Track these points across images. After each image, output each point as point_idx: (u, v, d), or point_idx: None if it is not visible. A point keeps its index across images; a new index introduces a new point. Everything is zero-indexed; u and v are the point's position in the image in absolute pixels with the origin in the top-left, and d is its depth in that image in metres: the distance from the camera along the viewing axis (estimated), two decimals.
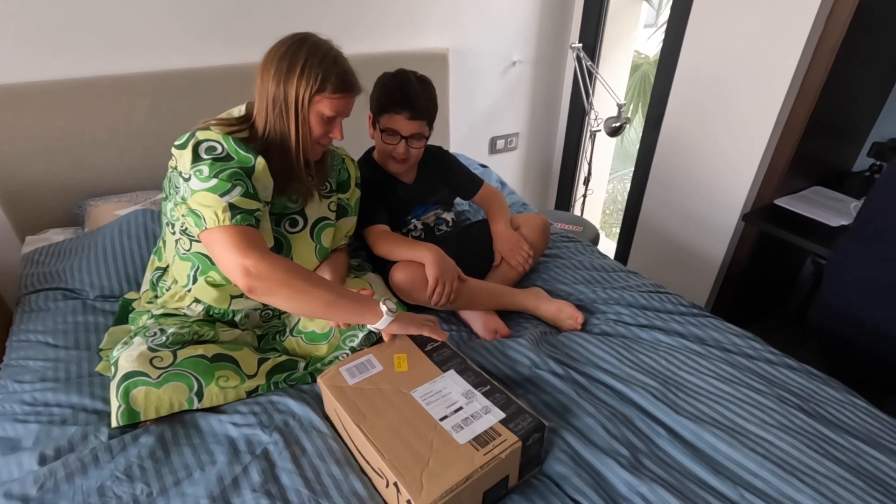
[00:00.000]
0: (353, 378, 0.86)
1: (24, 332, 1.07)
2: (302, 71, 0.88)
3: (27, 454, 0.79)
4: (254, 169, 0.88)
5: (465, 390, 0.83)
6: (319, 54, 0.89)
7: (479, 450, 0.72)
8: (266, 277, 0.81)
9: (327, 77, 0.89)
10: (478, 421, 0.77)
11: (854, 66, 1.53)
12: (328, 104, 0.91)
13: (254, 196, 0.87)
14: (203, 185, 0.84)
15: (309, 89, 0.89)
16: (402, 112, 1.16)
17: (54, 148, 1.38)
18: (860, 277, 1.21)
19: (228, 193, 0.84)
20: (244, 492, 0.74)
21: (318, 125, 0.94)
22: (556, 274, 1.32)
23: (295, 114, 0.90)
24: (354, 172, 1.16)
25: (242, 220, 0.84)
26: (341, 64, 0.92)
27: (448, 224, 1.36)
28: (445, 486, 0.68)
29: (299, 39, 0.91)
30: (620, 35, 2.26)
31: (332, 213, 1.10)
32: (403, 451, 0.73)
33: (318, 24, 1.65)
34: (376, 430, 0.76)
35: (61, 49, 1.35)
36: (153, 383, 0.84)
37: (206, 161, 0.85)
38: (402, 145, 1.19)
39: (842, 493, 0.74)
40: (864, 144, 1.87)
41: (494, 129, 2.27)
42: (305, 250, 1.05)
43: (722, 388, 0.93)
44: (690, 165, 1.85)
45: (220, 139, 0.87)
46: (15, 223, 1.42)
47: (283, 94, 0.89)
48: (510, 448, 0.73)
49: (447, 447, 0.73)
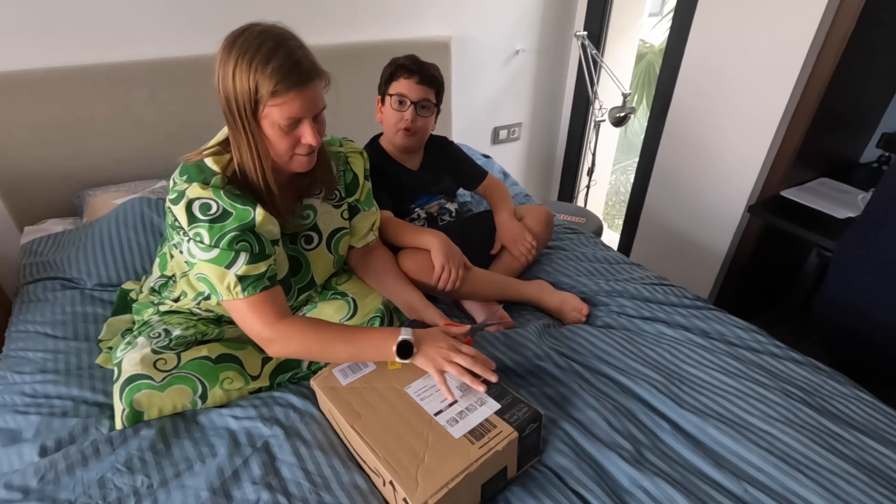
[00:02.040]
0: (346, 378, 0.84)
1: (24, 322, 1.06)
2: (234, 79, 0.74)
3: (28, 445, 0.79)
4: (254, 222, 0.81)
5: (459, 383, 0.81)
6: (251, 51, 0.73)
7: (474, 443, 0.72)
8: (282, 348, 0.84)
9: (260, 81, 0.73)
10: (472, 414, 0.77)
11: (864, 56, 1.50)
12: (276, 111, 0.76)
13: (260, 255, 0.81)
14: (206, 256, 0.79)
15: (249, 100, 0.75)
16: (410, 77, 1.18)
17: (52, 137, 1.36)
18: (866, 270, 1.20)
19: (234, 264, 0.79)
20: (244, 484, 0.74)
21: (280, 138, 0.79)
22: (559, 266, 1.31)
23: (245, 131, 0.78)
24: (362, 165, 1.05)
25: (254, 288, 0.81)
26: (278, 56, 0.74)
27: (451, 214, 1.36)
28: (441, 481, 0.67)
29: (234, 36, 0.76)
30: (626, 23, 2.22)
31: (345, 221, 1.03)
32: (398, 448, 0.72)
33: (318, 12, 1.64)
34: (370, 428, 0.75)
35: (59, 37, 1.33)
36: (157, 387, 0.83)
37: (204, 224, 0.78)
38: (410, 111, 1.19)
39: (846, 488, 0.73)
40: (872, 135, 1.84)
41: (497, 118, 2.25)
42: (323, 264, 1.01)
43: (726, 381, 0.92)
44: (695, 156, 1.83)
45: (213, 196, 0.78)
46: (13, 213, 1.41)
47: (227, 108, 0.77)
48: (506, 440, 0.72)
49: (442, 442, 0.73)
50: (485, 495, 0.73)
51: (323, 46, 1.65)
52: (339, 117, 1.72)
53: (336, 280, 1.08)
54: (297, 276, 0.98)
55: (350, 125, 1.76)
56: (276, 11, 1.51)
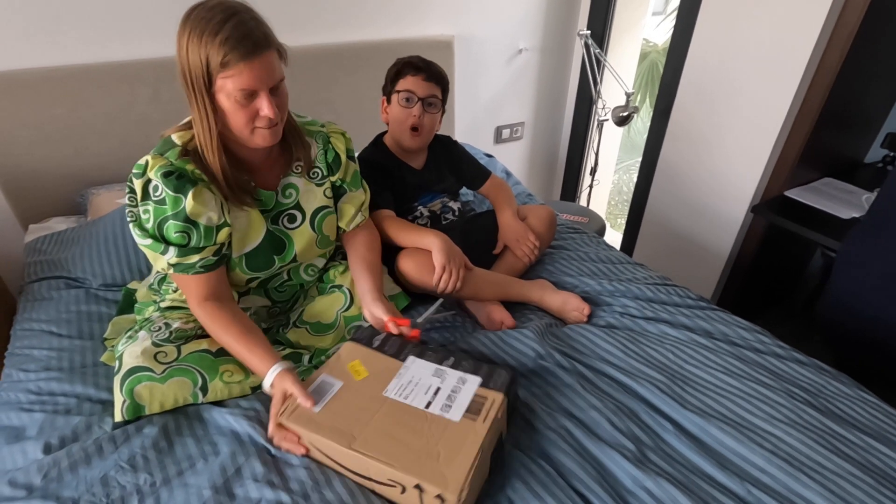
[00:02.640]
0: (317, 405, 0.78)
1: (28, 320, 1.07)
2: (188, 53, 0.75)
3: (32, 443, 0.79)
4: (184, 211, 0.82)
5: (433, 370, 0.82)
6: (202, 25, 0.74)
7: (475, 419, 0.74)
8: (201, 322, 0.91)
9: (210, 52, 0.74)
10: (460, 394, 0.78)
11: (869, 55, 1.49)
12: (230, 83, 0.77)
13: (195, 248, 0.85)
14: (143, 242, 0.85)
15: (201, 73, 0.76)
16: (417, 74, 1.19)
17: (55, 136, 1.37)
18: (871, 271, 1.19)
19: (165, 254, 0.85)
20: (246, 482, 0.74)
21: (236, 111, 0.79)
22: (562, 266, 1.30)
23: (199, 105, 0.79)
24: (344, 145, 1.04)
25: (186, 272, 0.86)
26: (227, 27, 0.74)
27: (454, 213, 1.35)
28: (465, 465, 0.68)
29: (188, 12, 0.77)
30: (629, 22, 2.22)
31: (328, 199, 1.03)
32: (408, 452, 0.71)
33: (321, 9, 1.64)
34: (372, 443, 0.72)
35: (61, 36, 1.33)
36: (157, 379, 0.83)
37: (152, 202, 0.82)
38: (417, 107, 1.19)
39: (851, 490, 0.73)
40: (877, 135, 1.83)
41: (500, 118, 2.24)
42: (307, 243, 1.02)
43: (729, 382, 0.92)
44: (699, 156, 1.82)
45: (159, 180, 0.81)
46: (17, 211, 1.42)
47: (183, 83, 0.78)
48: (500, 406, 0.76)
49: (447, 430, 0.73)
50: (493, 464, 0.75)
51: (325, 46, 1.66)
52: (342, 116, 1.74)
53: (333, 272, 1.08)
54: (280, 255, 0.98)
55: (352, 125, 1.76)
56: (277, 9, 1.51)
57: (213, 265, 0.89)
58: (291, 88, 0.89)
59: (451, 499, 0.66)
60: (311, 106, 1.10)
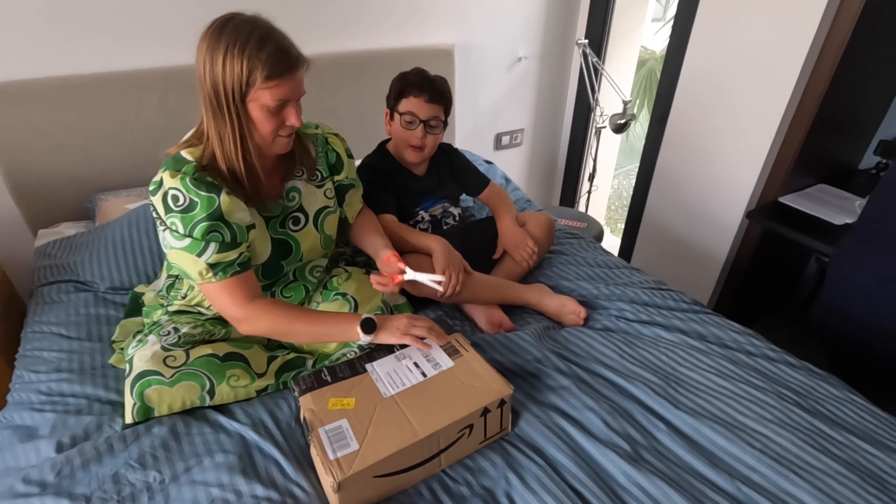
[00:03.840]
0: (339, 451, 0.73)
1: (39, 323, 1.09)
2: (224, 65, 0.79)
3: (44, 442, 0.82)
4: (220, 209, 0.84)
5: (393, 358, 0.91)
6: (242, 39, 0.78)
7: (462, 354, 0.90)
8: (251, 327, 0.90)
9: (254, 66, 0.79)
10: (433, 353, 0.91)
11: (862, 63, 1.52)
12: (268, 94, 0.82)
13: (231, 244, 0.86)
14: (179, 244, 0.84)
15: (239, 84, 0.80)
16: (420, 95, 1.20)
17: (65, 143, 1.40)
18: (862, 276, 1.21)
19: (204, 252, 0.84)
20: (252, 480, 0.76)
21: (266, 120, 0.84)
22: (560, 270, 1.33)
23: (230, 115, 0.82)
24: (342, 145, 1.10)
25: (224, 273, 0.86)
26: (270, 43, 0.80)
27: (455, 218, 1.38)
28: (494, 374, 0.86)
29: (219, 25, 0.80)
30: (627, 31, 2.25)
31: (329, 199, 1.07)
32: (454, 403, 0.80)
33: (322, 19, 1.67)
34: (426, 423, 0.77)
35: (71, 46, 1.37)
36: (167, 382, 0.86)
37: (177, 214, 0.82)
38: (420, 129, 1.21)
39: (837, 488, 0.75)
40: (870, 142, 1.86)
41: (499, 125, 2.28)
42: (311, 244, 1.05)
43: (721, 384, 0.94)
44: (695, 162, 1.85)
45: (179, 186, 0.82)
46: (28, 217, 1.45)
47: (213, 94, 0.81)
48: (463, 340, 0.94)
49: (455, 373, 0.86)
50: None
51: (327, 54, 1.69)
52: (345, 123, 1.78)
53: (337, 280, 1.11)
54: (287, 259, 1.02)
55: (355, 131, 1.79)
56: (281, 19, 1.53)
57: (250, 263, 0.91)
58: None
59: (509, 392, 0.83)
60: (316, 113, 1.13)
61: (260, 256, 0.96)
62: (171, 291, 1.04)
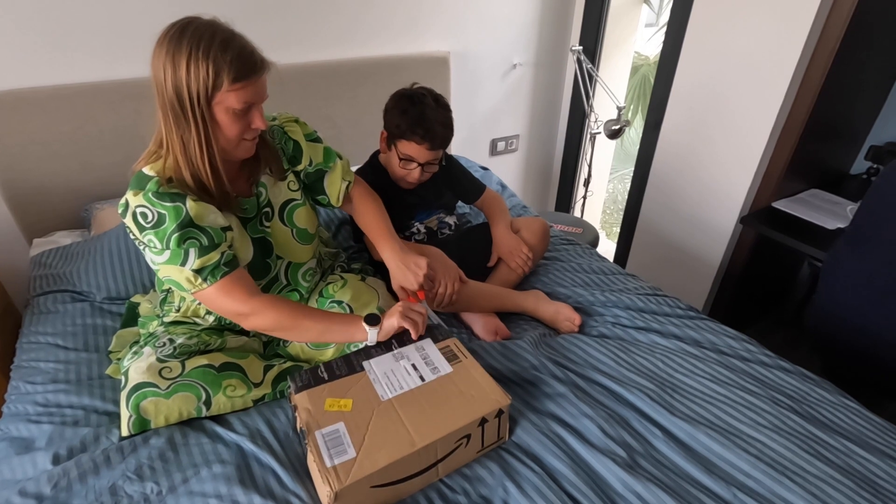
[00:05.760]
0: (336, 458, 0.73)
1: (34, 333, 1.09)
2: (188, 69, 0.77)
3: (41, 454, 0.82)
4: (188, 215, 0.83)
5: (391, 358, 0.90)
6: (205, 42, 0.77)
7: (461, 361, 0.90)
8: (256, 321, 0.89)
9: (220, 68, 0.78)
10: (431, 356, 0.91)
11: (852, 69, 1.55)
12: (234, 97, 0.80)
13: (210, 247, 0.85)
14: (161, 259, 0.84)
15: (205, 87, 0.78)
16: (422, 143, 1.16)
17: (61, 152, 1.40)
18: (854, 281, 1.23)
19: (187, 260, 0.83)
20: (250, 490, 0.76)
21: (232, 123, 0.83)
22: (556, 276, 1.34)
23: (195, 120, 0.80)
24: (300, 131, 1.04)
25: (214, 276, 0.85)
26: (234, 46, 0.79)
27: (451, 228, 1.39)
28: (492, 384, 0.85)
29: (178, 30, 0.79)
30: (621, 38, 2.28)
31: (294, 192, 1.03)
32: (451, 411, 0.80)
33: (320, 28, 1.68)
34: (424, 431, 0.77)
35: (69, 55, 1.37)
36: (162, 394, 0.86)
37: (150, 231, 0.82)
38: (417, 171, 1.21)
39: (832, 493, 0.76)
40: (861, 147, 1.88)
41: (495, 131, 2.29)
42: (284, 238, 1.03)
43: (717, 389, 0.95)
44: (689, 168, 1.87)
45: (145, 202, 0.81)
46: (23, 226, 1.44)
47: (175, 99, 0.79)
48: (461, 345, 0.94)
49: (453, 380, 0.86)
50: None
51: (324, 63, 1.70)
52: (342, 132, 1.78)
53: (332, 287, 1.10)
54: (271, 257, 1.02)
55: (352, 140, 1.80)
56: (278, 29, 1.55)
57: (236, 261, 0.90)
58: (292, 105, 0.92)
59: (507, 402, 0.83)
60: (312, 122, 1.12)
61: (244, 258, 0.95)
62: (165, 305, 1.04)
